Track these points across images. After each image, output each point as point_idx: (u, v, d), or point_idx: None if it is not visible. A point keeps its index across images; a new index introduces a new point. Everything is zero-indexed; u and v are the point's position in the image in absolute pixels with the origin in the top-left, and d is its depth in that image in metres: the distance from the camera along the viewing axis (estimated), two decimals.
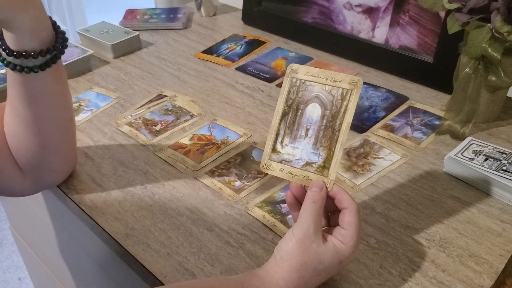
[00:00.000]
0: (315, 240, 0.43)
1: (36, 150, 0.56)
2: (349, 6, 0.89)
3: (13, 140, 0.55)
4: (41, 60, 0.50)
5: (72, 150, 0.62)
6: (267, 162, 0.48)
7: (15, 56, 0.48)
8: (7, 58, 0.49)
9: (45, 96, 0.53)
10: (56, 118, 0.56)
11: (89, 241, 0.69)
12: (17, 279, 1.65)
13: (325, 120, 0.45)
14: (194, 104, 0.80)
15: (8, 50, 0.48)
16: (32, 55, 0.49)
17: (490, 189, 0.59)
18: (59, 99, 0.55)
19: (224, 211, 0.58)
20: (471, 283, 0.48)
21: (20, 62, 0.49)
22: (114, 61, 0.95)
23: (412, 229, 0.55)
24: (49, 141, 0.56)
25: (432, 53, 0.80)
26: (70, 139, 0.60)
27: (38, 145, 0.55)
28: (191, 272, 0.51)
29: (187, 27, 1.10)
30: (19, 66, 0.49)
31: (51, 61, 0.51)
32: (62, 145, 0.59)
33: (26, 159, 0.56)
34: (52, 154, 0.58)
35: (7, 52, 0.48)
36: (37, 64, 0.50)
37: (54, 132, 0.56)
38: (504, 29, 0.58)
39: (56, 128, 0.56)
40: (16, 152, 0.56)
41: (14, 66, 0.49)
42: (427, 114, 0.75)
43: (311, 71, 0.46)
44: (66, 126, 0.58)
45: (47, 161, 0.58)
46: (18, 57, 0.48)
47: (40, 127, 0.54)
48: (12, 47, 0.48)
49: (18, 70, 0.49)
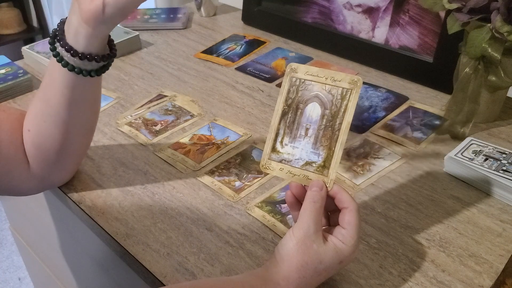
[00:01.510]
0: (315, 240, 0.43)
1: (57, 149, 0.56)
2: (349, 6, 0.89)
3: (37, 136, 0.56)
4: (100, 65, 0.52)
5: (85, 153, 0.63)
6: (267, 161, 0.48)
7: (80, 58, 0.49)
8: (69, 59, 0.49)
9: (85, 100, 0.55)
10: (86, 122, 0.57)
11: (89, 241, 0.69)
12: (17, 279, 1.65)
13: (325, 119, 0.45)
14: (194, 104, 0.80)
15: (73, 51, 0.49)
16: (96, 58, 0.50)
17: (490, 189, 0.59)
18: (94, 104, 0.57)
19: (224, 211, 0.58)
20: (471, 283, 0.48)
21: (80, 64, 0.50)
22: (114, 61, 0.94)
23: (412, 229, 0.55)
24: (71, 144, 0.57)
25: (432, 53, 0.80)
26: (88, 142, 0.62)
27: (61, 145, 0.56)
28: (191, 272, 0.51)
29: (187, 27, 1.10)
30: (78, 68, 0.50)
31: (105, 68, 0.53)
32: (80, 148, 0.60)
33: (44, 157, 0.57)
34: (68, 156, 0.59)
35: (72, 52, 0.49)
36: (95, 69, 0.51)
37: (79, 135, 0.57)
38: (504, 29, 0.59)
39: (83, 131, 0.58)
40: (36, 148, 0.56)
41: (73, 67, 0.50)
42: (427, 114, 0.75)
43: (311, 70, 0.46)
44: (91, 130, 0.60)
45: (62, 160, 0.58)
46: (82, 59, 0.49)
47: (70, 129, 0.55)
48: (78, 48, 0.49)
49: (76, 72, 0.50)
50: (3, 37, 2.38)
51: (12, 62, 0.88)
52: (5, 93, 0.81)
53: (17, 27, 2.42)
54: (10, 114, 0.58)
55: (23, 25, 2.47)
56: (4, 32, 2.39)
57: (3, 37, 2.38)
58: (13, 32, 2.41)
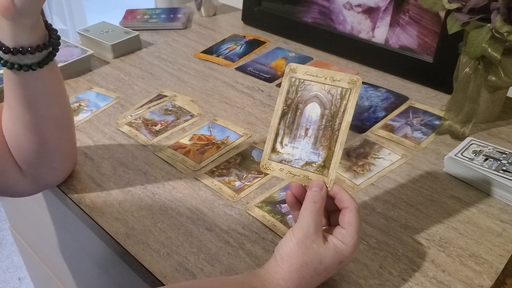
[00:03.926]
0: (315, 240, 0.43)
1: (36, 149, 0.56)
2: (349, 6, 0.89)
3: (13, 141, 0.56)
4: (38, 57, 0.50)
5: (72, 148, 0.62)
6: (267, 162, 0.48)
7: (12, 53, 0.48)
8: (3, 56, 0.49)
9: (42, 95, 0.53)
10: (54, 116, 0.56)
11: (89, 241, 0.69)
12: (17, 279, 1.65)
13: (325, 119, 0.45)
14: (194, 104, 0.80)
15: (4, 47, 0.48)
16: (29, 50, 0.49)
17: (490, 189, 0.59)
18: (56, 97, 0.55)
19: (224, 211, 0.58)
20: (471, 283, 0.48)
21: (17, 60, 0.49)
22: (114, 61, 0.95)
23: (412, 229, 0.55)
24: (48, 140, 0.56)
25: (432, 53, 0.80)
26: (69, 137, 0.60)
27: (38, 144, 0.55)
28: (191, 272, 0.51)
29: (187, 27, 1.10)
30: (17, 64, 0.49)
31: (48, 58, 0.51)
32: (61, 143, 0.59)
33: (26, 158, 0.56)
34: (51, 153, 0.58)
35: (3, 49, 0.48)
36: (35, 62, 0.50)
37: (53, 131, 0.56)
38: (504, 29, 0.58)
39: (55, 126, 0.56)
40: (16, 152, 0.56)
41: (12, 65, 0.49)
42: (427, 114, 0.75)
43: (310, 70, 0.46)
44: (65, 124, 0.58)
45: (47, 160, 0.58)
46: (15, 54, 0.48)
47: (39, 127, 0.54)
48: (8, 44, 0.48)
49: (16, 68, 0.49)
50: None
51: None
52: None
53: None
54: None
55: None
56: None
57: None
58: None
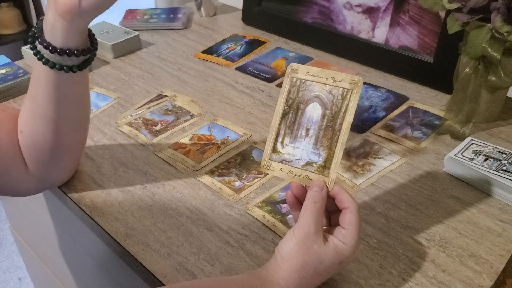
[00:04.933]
0: (316, 240, 0.43)
1: (50, 148, 0.56)
2: (349, 6, 0.89)
3: (30, 138, 0.56)
4: (80, 60, 0.51)
5: (81, 149, 0.63)
6: (267, 162, 0.48)
7: (59, 53, 0.49)
8: (48, 55, 0.49)
9: (72, 96, 0.54)
10: (77, 119, 0.57)
11: (89, 241, 0.69)
12: (17, 279, 1.65)
13: (326, 119, 0.45)
14: (194, 104, 0.80)
15: (51, 47, 0.49)
16: (75, 53, 0.50)
17: (490, 189, 0.59)
18: (82, 101, 0.57)
19: (224, 211, 0.58)
20: (471, 283, 0.48)
21: (60, 60, 0.50)
22: (114, 61, 0.95)
23: (412, 229, 0.55)
24: (64, 140, 0.57)
25: (432, 53, 0.80)
26: (82, 139, 0.61)
27: (53, 143, 0.56)
28: (191, 272, 0.51)
29: (187, 27, 1.10)
30: (59, 64, 0.50)
31: (87, 62, 0.53)
32: (75, 145, 0.60)
33: (38, 156, 0.57)
34: (63, 153, 0.58)
35: (50, 49, 0.49)
36: (76, 64, 0.51)
37: (70, 132, 0.57)
38: (504, 29, 0.59)
39: (74, 128, 0.57)
40: (29, 148, 0.56)
41: (54, 64, 0.50)
42: (427, 114, 0.75)
43: (311, 70, 0.46)
44: (83, 127, 0.60)
45: (58, 159, 0.58)
46: (61, 54, 0.49)
47: (60, 126, 0.55)
48: (56, 44, 0.49)
49: (58, 68, 0.50)
50: (3, 37, 2.38)
51: (12, 62, 0.88)
52: (5, 93, 0.81)
53: (17, 27, 2.42)
54: (9, 114, 0.58)
55: (23, 25, 2.46)
56: (4, 32, 2.39)
57: (3, 37, 2.38)
58: (13, 32, 2.41)
